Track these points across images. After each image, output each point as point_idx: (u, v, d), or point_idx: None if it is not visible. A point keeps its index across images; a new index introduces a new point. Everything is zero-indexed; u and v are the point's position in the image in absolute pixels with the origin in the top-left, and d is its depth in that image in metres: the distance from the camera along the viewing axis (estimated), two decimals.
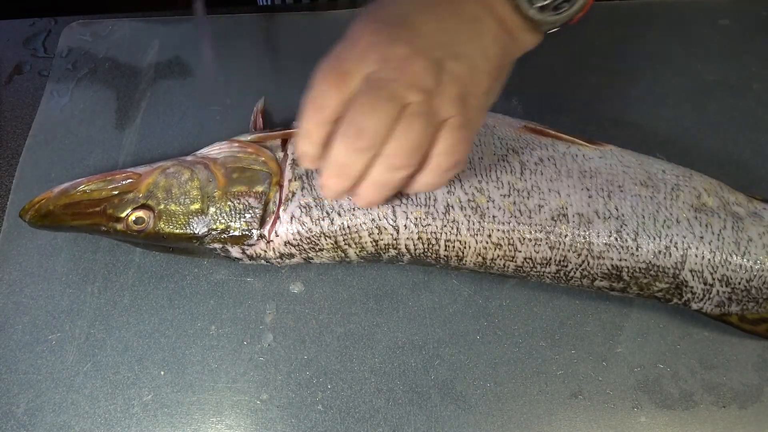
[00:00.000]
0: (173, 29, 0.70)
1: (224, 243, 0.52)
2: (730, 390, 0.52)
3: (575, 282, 0.52)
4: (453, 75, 0.39)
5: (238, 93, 0.65)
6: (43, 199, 0.51)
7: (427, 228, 0.50)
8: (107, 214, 0.51)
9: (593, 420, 0.51)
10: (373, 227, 0.50)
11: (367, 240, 0.51)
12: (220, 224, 0.51)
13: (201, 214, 0.51)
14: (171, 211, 0.51)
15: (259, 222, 0.51)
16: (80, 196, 0.51)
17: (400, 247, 0.51)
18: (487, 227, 0.50)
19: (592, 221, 0.50)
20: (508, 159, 0.52)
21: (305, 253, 0.52)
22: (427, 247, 0.51)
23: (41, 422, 0.50)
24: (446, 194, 0.50)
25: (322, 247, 0.51)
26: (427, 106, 0.38)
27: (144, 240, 0.53)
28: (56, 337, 0.53)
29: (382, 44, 0.38)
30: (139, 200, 0.51)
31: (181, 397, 0.51)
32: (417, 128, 0.38)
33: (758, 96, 0.66)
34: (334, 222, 0.50)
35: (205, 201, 0.51)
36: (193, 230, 0.51)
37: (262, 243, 0.51)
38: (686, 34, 0.70)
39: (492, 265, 0.51)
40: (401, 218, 0.50)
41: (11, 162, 0.62)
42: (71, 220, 0.52)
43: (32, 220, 0.51)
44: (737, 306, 0.52)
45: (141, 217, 0.51)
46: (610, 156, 0.53)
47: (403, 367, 0.53)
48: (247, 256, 0.53)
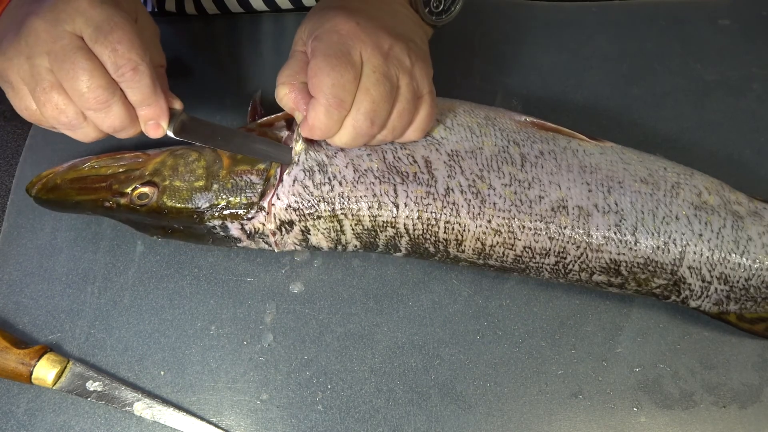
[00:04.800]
0: (173, 29, 0.70)
1: (224, 219, 0.52)
2: (730, 390, 0.52)
3: (574, 276, 0.52)
4: (419, 56, 0.49)
5: (238, 93, 0.65)
6: (51, 173, 0.53)
7: (428, 207, 0.50)
8: (112, 189, 0.52)
9: (593, 420, 0.51)
10: (373, 201, 0.51)
11: (366, 213, 0.51)
12: (222, 200, 0.52)
13: (204, 191, 0.52)
14: (175, 186, 0.52)
15: (259, 195, 0.52)
16: (88, 171, 0.53)
17: (398, 226, 0.51)
18: (487, 212, 0.50)
19: (592, 214, 0.50)
20: (509, 150, 0.52)
21: (303, 221, 0.52)
22: (426, 228, 0.51)
23: (41, 422, 0.50)
24: (447, 178, 0.51)
25: (320, 214, 0.51)
26: (412, 87, 0.48)
27: (146, 216, 0.53)
28: (56, 337, 0.53)
29: (371, 36, 0.47)
30: (145, 177, 0.53)
31: (181, 397, 0.51)
32: (409, 108, 0.49)
33: (758, 96, 0.66)
34: (335, 189, 0.51)
35: (209, 179, 0.52)
36: (195, 204, 0.52)
37: (261, 216, 0.52)
38: (686, 34, 0.70)
39: (491, 253, 0.51)
40: (402, 196, 0.50)
41: (11, 162, 0.62)
42: (76, 195, 0.53)
43: (38, 194, 0.53)
44: (735, 305, 0.52)
45: (145, 193, 0.52)
46: (611, 152, 0.53)
47: (403, 367, 0.53)
48: (245, 233, 0.53)
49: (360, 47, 0.47)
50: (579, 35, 0.70)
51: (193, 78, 0.67)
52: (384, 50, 0.47)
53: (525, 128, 0.54)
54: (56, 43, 0.44)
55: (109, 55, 0.45)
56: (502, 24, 0.70)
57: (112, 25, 0.45)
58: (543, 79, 0.66)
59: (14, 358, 0.50)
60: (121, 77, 0.45)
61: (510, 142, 0.53)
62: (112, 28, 0.45)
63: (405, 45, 0.48)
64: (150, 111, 0.48)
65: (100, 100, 0.45)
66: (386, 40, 0.48)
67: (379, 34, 0.48)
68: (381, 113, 0.47)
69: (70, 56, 0.44)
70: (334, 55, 0.46)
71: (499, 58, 0.68)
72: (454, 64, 0.67)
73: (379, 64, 0.47)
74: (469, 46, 0.69)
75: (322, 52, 0.46)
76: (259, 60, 0.68)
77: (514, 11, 0.71)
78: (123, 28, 0.45)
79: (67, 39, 0.44)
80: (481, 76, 0.67)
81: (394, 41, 0.48)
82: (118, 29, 0.45)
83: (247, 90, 0.65)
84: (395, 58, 0.47)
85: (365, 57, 0.47)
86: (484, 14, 0.71)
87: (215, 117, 0.64)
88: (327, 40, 0.47)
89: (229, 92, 0.65)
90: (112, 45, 0.44)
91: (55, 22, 0.45)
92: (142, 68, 0.45)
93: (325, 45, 0.47)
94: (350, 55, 0.46)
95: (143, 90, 0.46)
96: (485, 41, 0.69)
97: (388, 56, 0.47)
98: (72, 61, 0.44)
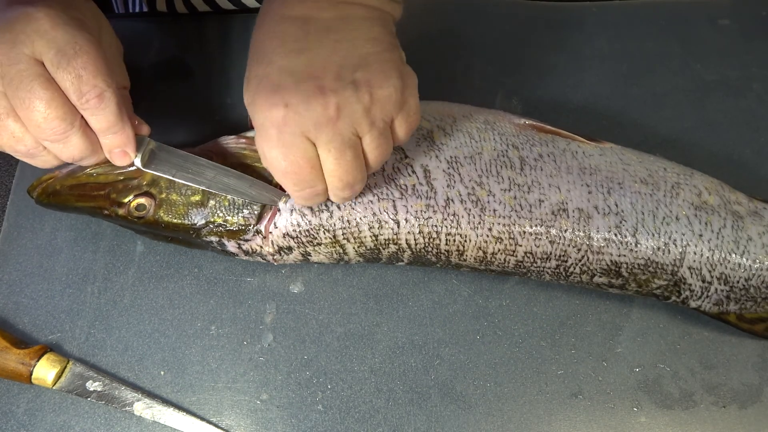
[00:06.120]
0: (173, 29, 0.70)
1: (221, 236, 0.52)
2: (730, 390, 0.52)
3: (575, 278, 0.52)
4: (374, 81, 0.43)
5: (238, 93, 0.65)
6: (51, 179, 0.53)
7: (428, 221, 0.50)
8: (111, 199, 0.52)
9: (593, 420, 0.51)
10: (373, 221, 0.50)
11: (367, 234, 0.51)
12: (218, 218, 0.51)
13: (200, 206, 0.52)
14: (171, 200, 0.52)
15: (257, 218, 0.51)
16: (86, 179, 0.52)
17: (400, 242, 0.51)
18: (487, 220, 0.50)
19: (592, 216, 0.50)
20: (508, 154, 0.52)
21: (303, 247, 0.52)
22: (428, 241, 0.51)
23: (41, 422, 0.50)
24: (446, 188, 0.51)
25: (320, 242, 0.51)
26: (378, 127, 0.44)
27: (144, 227, 0.53)
28: (56, 337, 0.53)
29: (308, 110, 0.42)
30: (143, 187, 0.52)
31: (181, 397, 0.51)
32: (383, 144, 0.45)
33: (758, 96, 0.66)
34: (334, 215, 0.51)
35: (205, 193, 0.52)
36: (191, 221, 0.52)
37: (258, 239, 0.52)
38: (686, 34, 0.70)
39: (492, 260, 0.51)
40: (402, 212, 0.50)
41: (11, 162, 0.62)
42: (75, 202, 0.52)
43: (39, 197, 0.53)
44: (735, 305, 0.52)
45: (142, 204, 0.52)
46: (611, 153, 0.53)
47: (403, 367, 0.53)
48: (243, 251, 0.53)
49: (302, 131, 0.43)
50: (579, 35, 0.70)
51: (193, 78, 0.66)
52: (329, 117, 0.42)
53: (524, 131, 0.54)
54: (12, 66, 0.42)
55: (72, 82, 0.42)
56: (502, 24, 0.70)
57: (76, 48, 0.42)
58: (543, 79, 0.66)
59: (14, 358, 0.50)
60: (84, 104, 0.43)
61: (509, 146, 0.52)
62: (76, 53, 0.42)
63: (351, 90, 0.42)
64: (115, 139, 0.46)
65: (57, 131, 0.43)
66: (328, 104, 0.42)
67: (316, 102, 0.42)
68: (356, 178, 0.45)
69: (26, 83, 0.42)
70: (281, 155, 0.43)
71: (499, 58, 0.68)
72: (454, 64, 0.67)
73: (330, 138, 0.43)
74: (469, 46, 0.69)
75: (267, 155, 0.44)
76: None
77: (514, 11, 0.71)
78: (88, 52, 0.43)
79: (24, 63, 0.42)
80: (481, 76, 0.67)
81: (338, 95, 0.42)
82: (83, 53, 0.42)
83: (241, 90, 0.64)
84: (346, 116, 0.42)
85: (313, 137, 0.43)
86: (484, 14, 0.71)
87: (215, 117, 0.64)
88: (266, 137, 0.44)
89: (223, 93, 0.65)
90: (76, 71, 0.42)
91: (13, 43, 0.42)
92: (108, 95, 0.43)
93: (267, 144, 0.44)
94: (296, 146, 0.43)
95: (108, 118, 0.44)
96: (485, 41, 0.69)
97: (337, 121, 0.42)
98: (28, 89, 0.42)
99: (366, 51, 0.44)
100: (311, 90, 0.42)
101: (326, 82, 0.43)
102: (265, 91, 0.43)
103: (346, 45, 0.44)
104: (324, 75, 0.43)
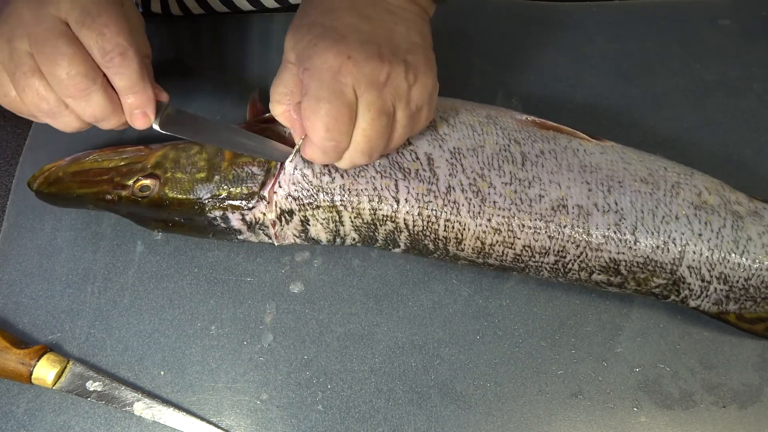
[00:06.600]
0: (173, 29, 0.70)
1: (225, 210, 0.52)
2: (730, 390, 0.52)
3: (573, 275, 0.52)
4: (419, 69, 0.46)
5: (238, 93, 0.65)
6: (53, 167, 0.53)
7: (428, 205, 0.50)
8: (114, 182, 0.53)
9: (593, 420, 0.51)
10: (374, 195, 0.51)
11: (366, 206, 0.51)
12: (223, 190, 0.52)
13: (205, 182, 0.52)
14: (176, 178, 0.52)
15: (260, 185, 0.52)
16: (90, 164, 0.53)
17: (398, 221, 0.51)
18: (487, 211, 0.50)
19: (591, 213, 0.50)
20: (510, 149, 0.52)
21: (303, 210, 0.52)
22: (427, 224, 0.51)
23: (41, 422, 0.50)
24: (448, 176, 0.51)
25: (319, 204, 0.51)
26: (409, 111, 0.47)
27: (147, 208, 0.53)
28: (56, 337, 0.53)
29: (365, 69, 0.44)
30: (147, 169, 0.53)
31: (181, 397, 0.51)
32: (406, 131, 0.48)
33: (758, 96, 0.66)
34: (335, 180, 0.51)
35: (210, 171, 0.52)
36: (197, 195, 0.52)
37: (261, 205, 0.52)
38: (686, 34, 0.70)
39: (491, 252, 0.51)
40: (403, 192, 0.51)
41: (11, 162, 0.62)
42: (78, 188, 0.53)
43: (40, 187, 0.53)
44: (735, 305, 0.52)
45: (147, 185, 0.52)
46: (611, 152, 0.53)
47: (403, 367, 0.53)
48: (246, 223, 0.53)
49: (354, 84, 0.44)
50: (579, 35, 0.70)
51: (193, 78, 0.67)
52: (380, 82, 0.45)
53: (526, 127, 0.54)
54: (38, 26, 0.43)
55: (96, 40, 0.44)
56: (502, 24, 0.70)
57: (99, 8, 0.44)
58: (543, 79, 0.66)
59: (14, 358, 0.50)
60: (108, 62, 0.44)
61: (511, 141, 0.53)
62: (99, 12, 0.44)
63: (402, 67, 0.45)
64: (137, 99, 0.47)
65: (79, 87, 0.44)
66: (382, 69, 0.45)
67: (374, 64, 0.44)
68: (378, 146, 0.47)
69: (51, 41, 0.43)
70: (326, 98, 0.44)
71: (499, 58, 0.68)
72: (454, 64, 0.67)
73: (374, 100, 0.45)
74: (469, 46, 0.69)
75: (314, 95, 0.44)
76: (248, 60, 0.68)
77: (514, 11, 0.71)
78: (110, 12, 0.44)
79: (50, 22, 0.43)
80: (481, 76, 0.67)
81: (391, 66, 0.45)
82: (105, 13, 0.44)
83: (248, 89, 0.64)
84: (392, 86, 0.45)
85: (359, 93, 0.45)
86: (484, 14, 0.71)
87: (216, 117, 0.64)
88: (318, 79, 0.45)
89: (218, 94, 0.65)
90: (99, 29, 0.43)
91: (39, 4, 0.44)
92: (130, 54, 0.45)
93: (317, 84, 0.44)
94: (344, 95, 0.44)
95: (131, 76, 0.45)
96: (485, 41, 0.69)
97: (384, 87, 0.45)
98: (53, 46, 0.43)
99: (416, 41, 0.48)
100: (372, 52, 0.45)
101: (384, 51, 0.45)
102: (330, 38, 0.45)
103: (402, 29, 0.48)
104: (384, 45, 0.46)
